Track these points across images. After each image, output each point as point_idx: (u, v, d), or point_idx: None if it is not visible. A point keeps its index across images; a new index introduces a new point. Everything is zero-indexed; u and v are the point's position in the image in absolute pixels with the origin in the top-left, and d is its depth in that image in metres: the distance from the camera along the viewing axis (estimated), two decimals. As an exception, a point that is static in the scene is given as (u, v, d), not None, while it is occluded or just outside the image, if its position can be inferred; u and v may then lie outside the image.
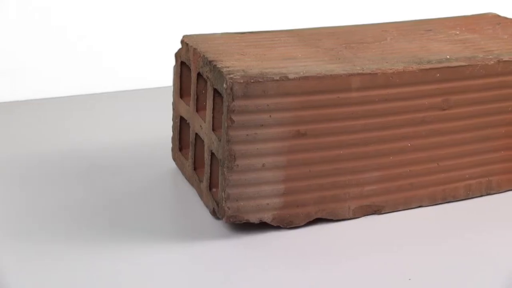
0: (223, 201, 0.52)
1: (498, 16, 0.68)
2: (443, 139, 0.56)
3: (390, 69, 0.53)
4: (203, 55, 0.55)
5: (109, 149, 0.66)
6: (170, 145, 0.63)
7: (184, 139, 0.61)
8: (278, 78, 0.51)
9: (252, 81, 0.50)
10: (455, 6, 0.93)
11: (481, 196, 0.59)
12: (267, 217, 0.53)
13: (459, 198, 0.58)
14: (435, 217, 0.56)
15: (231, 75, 0.50)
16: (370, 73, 0.53)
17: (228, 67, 0.52)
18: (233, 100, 0.50)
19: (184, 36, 0.59)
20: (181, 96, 0.60)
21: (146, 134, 0.68)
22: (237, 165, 0.51)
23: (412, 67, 0.54)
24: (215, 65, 0.52)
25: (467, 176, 0.58)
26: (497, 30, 0.63)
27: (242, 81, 0.50)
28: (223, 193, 0.52)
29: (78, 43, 0.81)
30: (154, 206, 0.57)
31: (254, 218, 0.53)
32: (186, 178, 0.60)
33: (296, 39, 0.60)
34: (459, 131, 0.56)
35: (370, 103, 0.53)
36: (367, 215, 0.56)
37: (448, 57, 0.56)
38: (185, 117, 0.59)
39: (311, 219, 0.54)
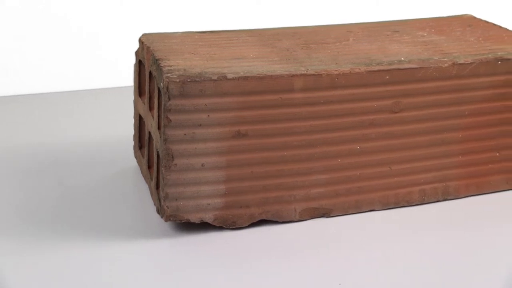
0: (162, 200, 0.52)
1: (474, 18, 0.66)
2: (394, 142, 0.55)
3: (336, 71, 0.52)
4: (153, 54, 0.55)
5: (76, 146, 0.66)
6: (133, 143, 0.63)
7: (142, 137, 0.61)
8: (216, 78, 0.50)
9: (189, 80, 0.50)
10: (455, 7, 0.91)
11: (438, 201, 0.58)
12: (208, 217, 0.53)
13: (414, 203, 0.57)
14: (386, 220, 0.55)
15: (168, 74, 0.50)
16: (314, 74, 0.52)
17: (170, 66, 0.52)
18: (169, 99, 0.50)
19: (142, 35, 0.59)
20: (140, 95, 0.60)
21: (114, 132, 0.69)
22: (175, 165, 0.51)
23: (359, 69, 0.53)
24: (159, 64, 0.52)
25: (421, 180, 0.56)
26: (465, 32, 0.62)
27: (178, 80, 0.50)
28: (162, 192, 0.52)
29: (53, 40, 0.81)
30: (106, 203, 0.57)
31: (194, 218, 0.52)
32: (143, 176, 0.60)
33: (256, 38, 0.59)
34: (411, 134, 0.55)
35: (314, 105, 0.52)
36: (315, 217, 0.55)
37: (402, 59, 0.55)
38: (142, 116, 0.59)
39: (255, 221, 0.54)
